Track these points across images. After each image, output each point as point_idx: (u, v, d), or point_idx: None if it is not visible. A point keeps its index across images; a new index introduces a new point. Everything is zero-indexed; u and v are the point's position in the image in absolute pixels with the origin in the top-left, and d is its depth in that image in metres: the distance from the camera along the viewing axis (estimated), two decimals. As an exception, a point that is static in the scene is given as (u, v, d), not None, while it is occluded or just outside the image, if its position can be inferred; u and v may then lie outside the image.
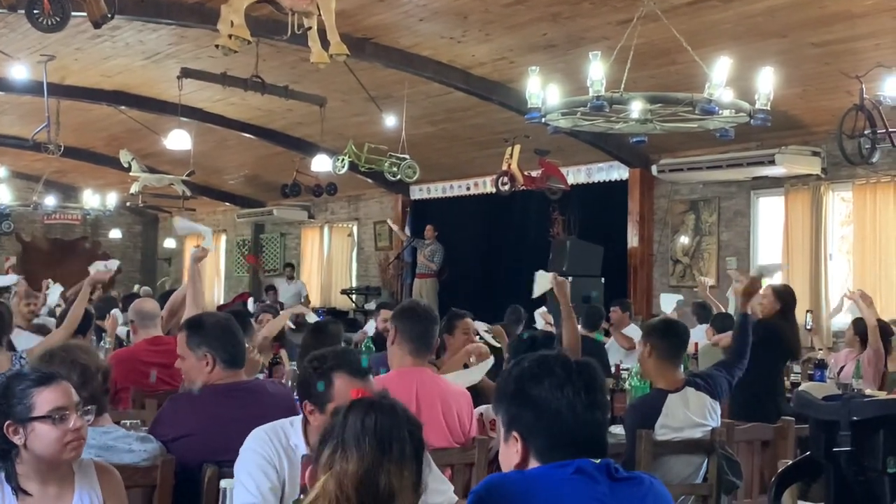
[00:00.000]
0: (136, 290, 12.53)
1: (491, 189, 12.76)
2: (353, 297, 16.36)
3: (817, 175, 10.23)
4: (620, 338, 8.69)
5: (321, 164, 12.42)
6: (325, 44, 7.32)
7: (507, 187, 11.83)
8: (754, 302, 5.62)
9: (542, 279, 5.47)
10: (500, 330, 6.71)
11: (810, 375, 7.07)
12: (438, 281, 14.29)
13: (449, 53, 9.85)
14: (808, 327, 8.90)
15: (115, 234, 21.31)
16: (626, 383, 5.39)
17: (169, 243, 21.06)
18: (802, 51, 8.39)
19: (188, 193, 14.96)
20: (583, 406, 2.15)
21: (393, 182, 12.79)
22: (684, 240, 11.91)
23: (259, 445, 2.88)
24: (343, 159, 12.15)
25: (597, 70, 6.02)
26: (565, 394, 2.15)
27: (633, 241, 12.30)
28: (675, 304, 9.55)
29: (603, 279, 11.59)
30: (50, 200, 17.60)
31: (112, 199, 16.82)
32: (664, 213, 12.18)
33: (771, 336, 5.87)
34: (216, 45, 6.99)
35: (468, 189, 14.62)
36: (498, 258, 13.99)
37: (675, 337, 4.50)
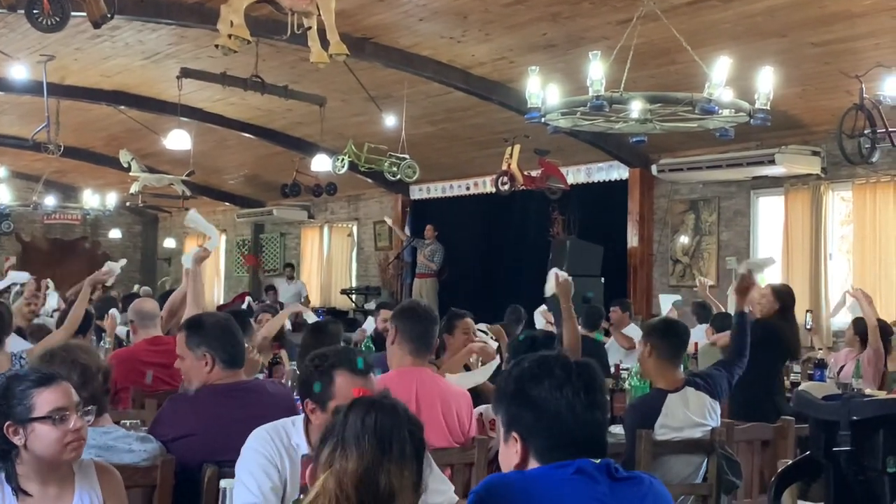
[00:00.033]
0: (136, 290, 12.51)
1: (491, 189, 12.76)
2: (353, 297, 16.35)
3: (817, 175, 10.22)
4: (620, 338, 8.69)
5: (321, 163, 12.41)
6: (325, 43, 7.32)
7: (506, 187, 11.82)
8: (753, 298, 5.62)
9: (554, 279, 5.27)
10: (499, 330, 6.71)
11: (810, 375, 7.08)
12: (438, 281, 14.28)
13: (449, 53, 9.84)
14: (807, 327, 8.90)
15: (115, 234, 21.29)
16: (625, 383, 5.40)
17: (169, 243, 21.03)
18: (802, 50, 8.39)
19: (188, 193, 14.97)
20: (582, 406, 2.15)
21: (393, 182, 12.79)
22: (684, 239, 11.91)
23: (260, 445, 2.87)
24: (343, 159, 12.15)
25: (596, 70, 6.02)
26: (565, 394, 2.15)
27: (632, 240, 12.30)
28: (670, 305, 9.58)
29: (603, 279, 11.58)
30: (50, 200, 17.59)
31: (112, 199, 16.82)
32: (664, 212, 12.18)
33: (770, 336, 5.86)
34: (216, 45, 6.99)
35: (468, 189, 14.60)
36: (498, 258, 13.98)
37: (675, 337, 4.50)
